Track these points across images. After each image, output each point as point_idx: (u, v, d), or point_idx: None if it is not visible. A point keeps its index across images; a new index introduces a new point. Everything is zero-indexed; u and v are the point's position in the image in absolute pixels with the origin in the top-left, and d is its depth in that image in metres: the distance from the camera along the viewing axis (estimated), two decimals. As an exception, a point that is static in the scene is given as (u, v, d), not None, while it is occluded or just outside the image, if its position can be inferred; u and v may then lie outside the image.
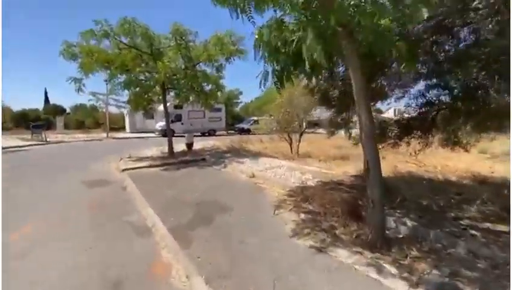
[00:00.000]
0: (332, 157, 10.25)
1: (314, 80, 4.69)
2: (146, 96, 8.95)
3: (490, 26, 3.52)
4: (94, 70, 7.97)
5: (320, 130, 12.85)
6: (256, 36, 2.76)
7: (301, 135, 11.25)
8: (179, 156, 9.32)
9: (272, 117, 11.58)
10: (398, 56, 3.44)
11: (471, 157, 9.01)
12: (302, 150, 10.97)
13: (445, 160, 8.42)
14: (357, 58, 2.92)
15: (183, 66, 8.71)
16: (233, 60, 8.95)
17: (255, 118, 25.06)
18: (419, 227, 3.18)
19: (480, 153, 10.07)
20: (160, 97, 9.58)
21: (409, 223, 3.26)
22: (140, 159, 8.74)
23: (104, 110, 23.27)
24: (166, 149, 9.84)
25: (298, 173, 6.13)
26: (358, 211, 3.74)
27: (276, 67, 3.62)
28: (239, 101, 34.83)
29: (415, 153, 4.85)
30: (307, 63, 2.27)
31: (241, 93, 33.32)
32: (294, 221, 3.64)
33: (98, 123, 30.55)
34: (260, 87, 3.72)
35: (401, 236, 3.17)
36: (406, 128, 4.73)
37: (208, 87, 9.73)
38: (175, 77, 8.77)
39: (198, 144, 12.89)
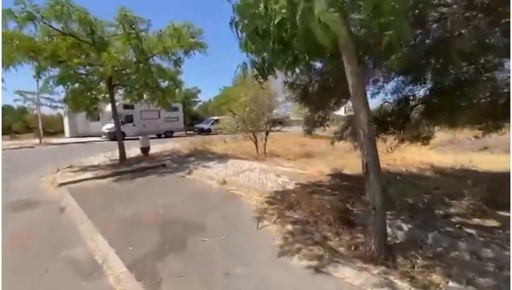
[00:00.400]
0: (298, 155, 10.17)
1: (291, 74, 4.32)
2: (89, 94, 7.53)
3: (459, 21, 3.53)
4: (16, 61, 6.36)
5: (285, 129, 12.69)
6: (239, 3, 2.18)
7: (267, 133, 10.92)
8: (133, 162, 8.12)
9: (236, 116, 11.00)
10: (387, 47, 3.23)
11: (417, 148, 9.70)
12: (267, 149, 10.67)
13: (399, 152, 8.90)
14: (354, 45, 2.56)
15: (134, 59, 7.55)
16: (194, 53, 8.09)
17: (216, 118, 24.15)
18: (416, 230, 2.98)
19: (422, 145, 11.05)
20: (107, 95, 8.23)
21: (404, 226, 3.05)
22: (85, 168, 7.34)
23: (35, 111, 19.81)
24: (117, 155, 8.52)
25: (273, 175, 5.70)
26: (348, 216, 3.45)
27: (257, 60, 3.12)
28: (197, 100, 33.14)
29: (391, 149, 4.81)
30: (326, 40, 1.75)
31: (199, 91, 31.72)
32: (282, 234, 3.16)
33: (29, 127, 26.08)
34: (241, 81, 3.17)
35: (399, 241, 2.93)
36: (381, 124, 4.64)
37: (165, 84, 8.70)
38: (125, 71, 7.58)
39: (155, 147, 11.65)
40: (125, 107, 18.08)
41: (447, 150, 13.06)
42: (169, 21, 7.74)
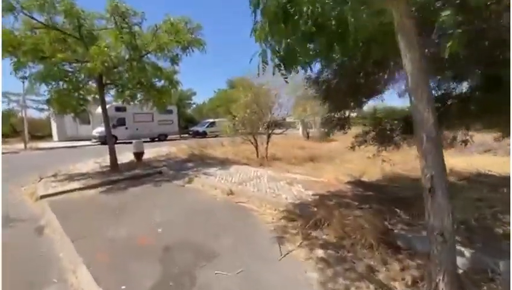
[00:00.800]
0: (302, 159, 9.58)
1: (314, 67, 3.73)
2: (76, 94, 6.77)
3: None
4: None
5: (287, 131, 12.16)
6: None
7: (269, 137, 10.33)
8: (126, 169, 7.39)
9: (236, 118, 10.38)
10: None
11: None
12: (268, 152, 10.07)
13: (405, 156, 8.40)
14: (413, 23, 1.99)
15: (127, 56, 6.86)
16: (192, 50, 7.45)
17: (211, 120, 23.50)
18: (480, 255, 2.42)
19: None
20: (97, 96, 7.49)
21: (465, 250, 2.48)
22: (71, 177, 6.58)
23: (20, 114, 18.74)
24: (108, 161, 7.77)
25: (285, 183, 5.09)
26: (389, 237, 2.88)
27: (278, 48, 2.54)
28: (192, 102, 32.37)
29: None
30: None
31: (194, 93, 30.98)
32: (314, 263, 2.55)
33: (16, 131, 24.81)
34: (259, 74, 2.59)
35: (462, 271, 2.36)
36: (410, 125, 4.10)
37: (160, 83, 8.02)
38: (116, 69, 6.88)
39: (149, 151, 10.90)
40: (117, 109, 17.31)
41: (452, 153, 12.74)
42: (165, 15, 7.09)
